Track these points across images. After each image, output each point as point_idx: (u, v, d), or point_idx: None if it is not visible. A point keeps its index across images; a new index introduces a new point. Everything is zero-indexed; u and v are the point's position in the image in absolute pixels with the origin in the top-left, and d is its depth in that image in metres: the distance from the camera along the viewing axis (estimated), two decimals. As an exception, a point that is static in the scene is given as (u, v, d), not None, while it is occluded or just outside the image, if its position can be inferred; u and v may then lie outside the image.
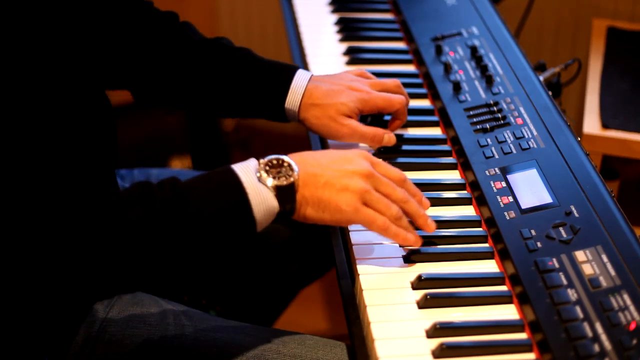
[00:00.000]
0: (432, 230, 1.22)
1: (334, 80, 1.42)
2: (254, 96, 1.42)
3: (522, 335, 1.11)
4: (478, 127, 1.41)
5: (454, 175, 1.39)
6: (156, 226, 1.07)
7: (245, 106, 1.44)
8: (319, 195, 1.15)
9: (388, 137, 1.39)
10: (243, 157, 1.22)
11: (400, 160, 1.40)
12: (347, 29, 1.78)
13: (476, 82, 1.51)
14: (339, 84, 1.41)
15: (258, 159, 1.16)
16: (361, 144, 1.42)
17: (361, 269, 1.21)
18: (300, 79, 1.40)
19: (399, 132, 1.47)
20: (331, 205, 1.16)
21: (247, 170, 1.13)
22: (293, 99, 1.39)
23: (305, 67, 1.67)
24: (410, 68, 1.65)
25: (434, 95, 1.54)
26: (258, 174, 1.13)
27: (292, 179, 1.14)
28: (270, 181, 1.13)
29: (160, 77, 1.44)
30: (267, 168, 1.14)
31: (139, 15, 1.44)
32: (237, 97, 1.43)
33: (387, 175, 1.21)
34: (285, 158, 1.16)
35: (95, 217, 1.06)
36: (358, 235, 1.26)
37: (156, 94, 1.46)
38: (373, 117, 1.46)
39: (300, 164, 1.16)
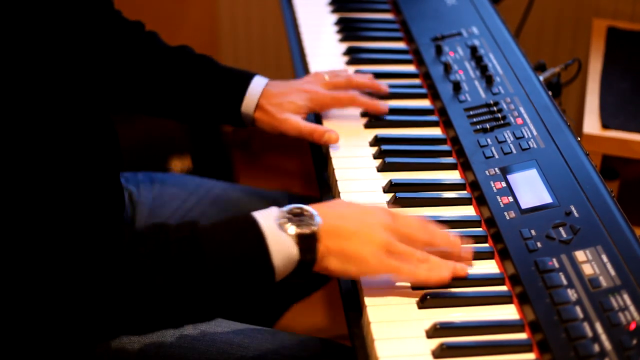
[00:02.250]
0: (470, 258, 1.19)
1: (288, 83, 1.49)
2: (212, 101, 1.47)
3: (522, 335, 1.11)
4: (478, 127, 1.41)
5: (454, 175, 1.39)
6: (167, 269, 1.04)
7: (205, 111, 1.49)
8: (344, 247, 1.12)
9: (328, 135, 1.42)
10: (243, 157, 1.22)
11: (400, 160, 1.40)
12: (347, 29, 1.78)
13: (476, 82, 1.51)
14: (290, 86, 1.47)
15: (279, 206, 1.13)
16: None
17: (361, 269, 1.21)
18: (256, 84, 1.46)
19: (399, 132, 1.47)
20: (357, 257, 1.12)
21: (267, 217, 1.10)
22: (248, 103, 1.45)
23: (305, 67, 1.67)
24: (410, 68, 1.65)
25: (434, 95, 1.54)
26: (279, 221, 1.10)
27: (314, 228, 1.11)
28: (292, 229, 1.10)
29: (126, 84, 1.49)
30: (289, 216, 1.11)
31: (109, 22, 1.48)
32: (197, 103, 1.48)
33: (409, 225, 1.18)
34: (307, 208, 1.12)
35: (107, 255, 1.04)
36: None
37: (121, 101, 1.51)
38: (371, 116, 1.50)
39: (322, 215, 1.13)
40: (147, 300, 1.04)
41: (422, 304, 1.15)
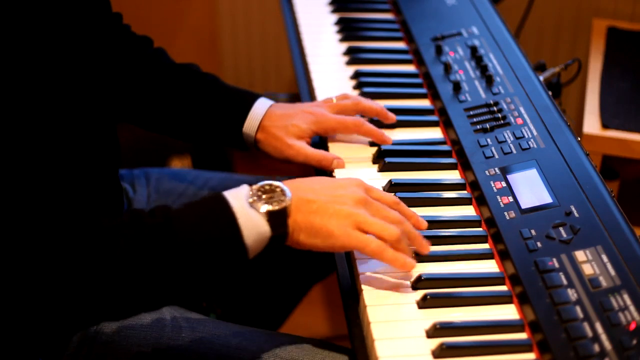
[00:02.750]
0: (427, 251, 1.20)
1: (293, 105, 1.45)
2: (214, 120, 1.44)
3: (522, 335, 1.11)
4: (478, 127, 1.41)
5: (454, 175, 1.39)
6: (144, 253, 1.06)
7: (206, 130, 1.46)
8: (311, 220, 1.14)
9: (337, 162, 1.39)
10: (243, 157, 1.22)
11: (401, 160, 1.40)
12: (347, 29, 1.78)
13: (476, 82, 1.51)
14: (295, 109, 1.43)
15: (250, 184, 1.15)
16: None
17: (361, 268, 1.21)
18: (260, 105, 1.43)
19: (398, 132, 1.47)
20: (322, 230, 1.14)
21: (238, 196, 1.12)
22: (250, 124, 1.42)
23: (305, 67, 1.67)
24: (410, 68, 1.65)
25: (434, 95, 1.54)
26: (250, 200, 1.12)
27: (284, 204, 1.12)
28: (263, 206, 1.11)
29: (132, 99, 1.47)
30: (259, 194, 1.12)
31: (117, 36, 1.46)
32: (199, 122, 1.46)
33: (381, 200, 1.20)
34: (278, 184, 1.14)
35: (84, 242, 1.05)
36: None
37: (127, 115, 1.50)
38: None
39: (293, 189, 1.15)
40: (125, 286, 1.06)
41: (422, 304, 1.15)
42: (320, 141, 1.46)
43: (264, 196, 1.12)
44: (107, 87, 1.44)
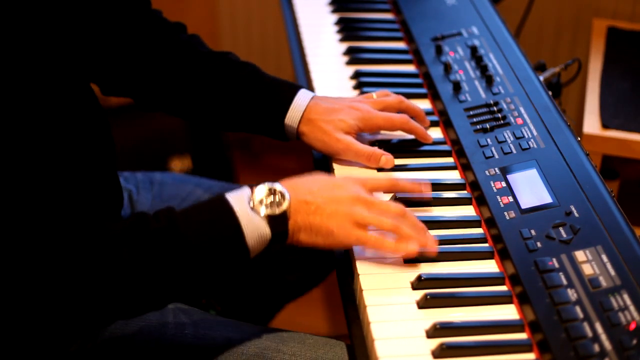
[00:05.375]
0: (435, 246, 1.21)
1: (336, 99, 1.43)
2: (255, 111, 1.42)
3: (522, 335, 1.11)
4: (478, 127, 1.41)
5: (454, 175, 1.39)
6: (150, 256, 1.09)
7: (245, 120, 1.45)
8: (311, 220, 1.18)
9: (386, 159, 1.38)
10: (243, 157, 1.22)
11: (400, 160, 1.40)
12: (347, 29, 1.78)
13: (476, 82, 1.51)
14: (340, 103, 1.42)
15: (251, 187, 1.17)
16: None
17: (361, 268, 1.21)
18: (302, 97, 1.41)
19: (399, 132, 1.47)
20: (322, 230, 1.18)
21: (240, 200, 1.15)
22: (293, 115, 1.40)
23: (305, 67, 1.67)
24: (410, 68, 1.65)
25: (434, 95, 1.54)
26: (251, 204, 1.15)
27: (283, 208, 1.16)
28: (263, 210, 1.15)
29: (164, 87, 1.45)
30: (261, 197, 1.16)
31: (147, 24, 1.45)
32: (239, 112, 1.44)
33: (378, 187, 1.24)
34: (278, 187, 1.17)
35: (91, 246, 1.07)
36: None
37: (159, 103, 1.47)
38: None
39: (291, 191, 1.18)
40: (131, 288, 1.09)
41: (422, 304, 1.15)
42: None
43: (264, 200, 1.15)
44: (129, 77, 1.43)
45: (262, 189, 1.16)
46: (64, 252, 1.05)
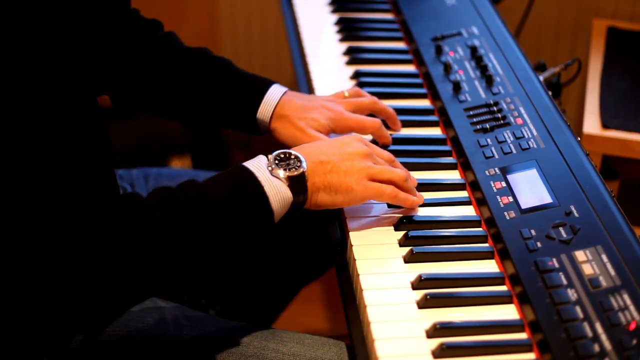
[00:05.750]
0: (421, 200, 1.30)
1: (310, 98, 1.45)
2: (227, 105, 1.44)
3: (522, 335, 1.11)
4: (478, 127, 1.41)
5: (454, 175, 1.39)
6: (184, 226, 1.10)
7: (218, 115, 1.45)
8: (329, 180, 1.22)
9: None
10: (243, 157, 1.23)
11: (400, 160, 1.40)
12: (347, 29, 1.78)
13: (476, 82, 1.51)
14: (313, 101, 1.43)
15: (265, 154, 1.21)
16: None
17: (361, 268, 1.21)
18: (274, 91, 1.42)
19: (399, 131, 1.47)
20: (342, 187, 1.22)
21: (259, 166, 1.19)
22: (265, 109, 1.42)
23: (305, 67, 1.67)
24: (410, 68, 1.65)
25: (434, 95, 1.54)
26: (270, 168, 1.19)
27: (302, 169, 1.20)
28: (283, 173, 1.19)
29: (140, 84, 1.46)
30: (277, 162, 1.19)
31: (124, 21, 1.45)
32: (211, 106, 1.45)
33: (380, 156, 1.29)
34: (292, 151, 1.21)
35: (126, 222, 1.07)
36: (358, 236, 1.26)
37: (135, 101, 1.48)
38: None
39: (305, 154, 1.22)
40: (168, 258, 1.10)
41: (422, 304, 1.15)
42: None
43: (281, 163, 1.19)
44: (110, 73, 1.43)
45: (277, 155, 1.20)
46: (100, 227, 1.06)
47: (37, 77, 1.09)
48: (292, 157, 1.21)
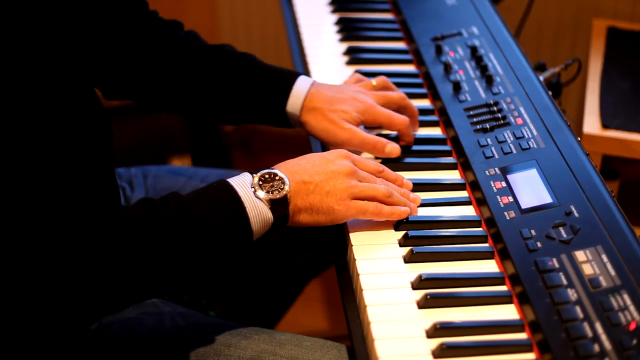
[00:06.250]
0: (418, 202, 1.30)
1: (339, 88, 1.43)
2: (256, 100, 1.43)
3: (522, 335, 1.11)
4: (478, 127, 1.41)
5: (454, 175, 1.39)
6: (163, 242, 1.11)
7: (247, 111, 1.45)
8: (310, 201, 1.22)
9: (391, 148, 1.39)
10: (243, 157, 1.23)
11: (400, 160, 1.40)
12: (347, 29, 1.78)
13: (476, 82, 1.51)
14: (343, 93, 1.42)
15: (251, 173, 1.20)
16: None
17: (361, 268, 1.21)
18: (302, 83, 1.41)
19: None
20: (323, 207, 1.22)
21: (243, 185, 1.19)
22: (294, 102, 1.41)
23: (305, 67, 1.67)
24: (410, 68, 1.65)
25: (434, 95, 1.54)
26: (253, 189, 1.19)
27: (284, 192, 1.20)
28: (265, 195, 1.19)
29: (163, 85, 1.45)
30: (261, 183, 1.19)
31: (145, 25, 1.44)
32: (240, 103, 1.44)
33: (367, 169, 1.28)
34: (277, 172, 1.21)
35: (104, 236, 1.08)
36: (358, 236, 1.26)
37: (159, 102, 1.48)
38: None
39: (289, 174, 1.22)
40: (145, 271, 1.11)
41: (422, 304, 1.15)
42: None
43: (264, 185, 1.19)
44: (125, 77, 1.43)
45: (262, 175, 1.20)
46: (78, 240, 1.07)
47: (44, 79, 1.09)
48: (277, 178, 1.20)
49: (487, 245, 1.25)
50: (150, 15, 1.47)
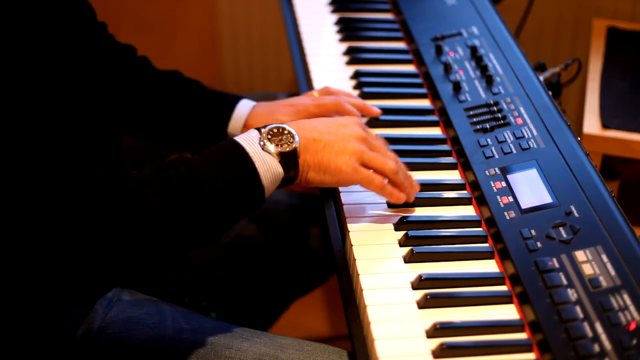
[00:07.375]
0: (417, 190, 1.29)
1: (274, 103, 1.46)
2: (199, 124, 1.46)
3: (522, 335, 1.11)
4: (478, 127, 1.41)
5: (454, 175, 1.39)
6: (174, 203, 1.11)
7: (192, 135, 1.48)
8: (320, 158, 1.22)
9: None
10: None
11: (400, 160, 1.40)
12: (347, 29, 1.78)
13: (476, 82, 1.51)
14: (276, 104, 1.45)
15: (259, 129, 1.20)
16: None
17: (361, 268, 1.21)
18: (243, 106, 1.44)
19: (399, 131, 1.47)
20: (331, 166, 1.22)
21: (250, 141, 1.19)
22: (235, 124, 1.44)
23: (305, 67, 1.67)
24: (410, 68, 1.65)
25: (434, 95, 1.54)
26: (261, 143, 1.19)
27: (294, 145, 1.20)
28: (274, 148, 1.19)
29: (117, 107, 1.47)
30: (269, 137, 1.19)
31: (103, 48, 1.46)
32: (185, 126, 1.47)
33: (374, 142, 1.28)
34: (285, 126, 1.21)
35: (117, 198, 1.09)
36: (358, 236, 1.26)
37: (113, 124, 1.49)
38: None
39: (298, 130, 1.22)
40: (157, 233, 1.11)
41: (422, 304, 1.15)
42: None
43: (273, 138, 1.19)
44: (94, 94, 1.44)
45: (270, 129, 1.20)
46: (89, 202, 1.07)
47: (51, 82, 1.10)
48: (286, 132, 1.20)
49: (487, 245, 1.25)
50: (108, 38, 1.50)
